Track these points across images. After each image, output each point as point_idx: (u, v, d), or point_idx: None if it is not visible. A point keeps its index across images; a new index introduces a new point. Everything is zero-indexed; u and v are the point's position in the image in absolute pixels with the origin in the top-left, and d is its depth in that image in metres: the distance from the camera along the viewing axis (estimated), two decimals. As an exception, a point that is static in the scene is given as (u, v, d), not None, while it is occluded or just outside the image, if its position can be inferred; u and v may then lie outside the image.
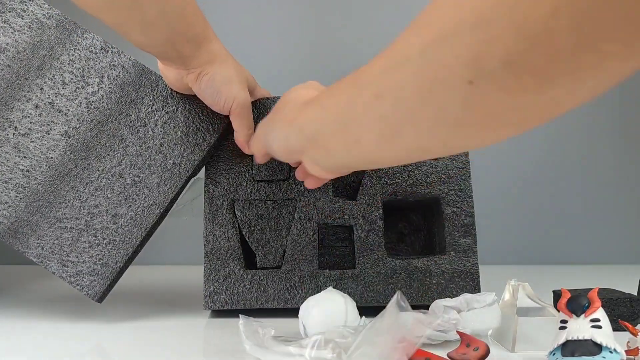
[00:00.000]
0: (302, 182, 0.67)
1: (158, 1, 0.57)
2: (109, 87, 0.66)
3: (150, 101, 0.67)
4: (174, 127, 0.66)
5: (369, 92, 0.41)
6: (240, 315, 0.50)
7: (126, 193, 0.65)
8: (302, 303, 0.56)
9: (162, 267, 1.06)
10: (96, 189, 0.65)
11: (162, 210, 0.65)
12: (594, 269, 1.10)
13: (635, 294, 0.64)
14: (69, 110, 0.65)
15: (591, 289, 0.48)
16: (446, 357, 0.47)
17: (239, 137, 0.67)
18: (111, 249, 0.64)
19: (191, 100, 0.67)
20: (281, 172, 0.69)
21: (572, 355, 0.44)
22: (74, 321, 0.64)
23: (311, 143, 0.50)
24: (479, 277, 0.67)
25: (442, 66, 0.35)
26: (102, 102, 0.66)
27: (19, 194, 0.64)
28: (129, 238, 0.64)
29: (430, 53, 0.36)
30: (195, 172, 0.68)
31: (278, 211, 0.69)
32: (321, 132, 0.49)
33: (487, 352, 0.46)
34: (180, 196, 0.69)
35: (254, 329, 0.49)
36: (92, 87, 0.66)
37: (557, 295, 0.63)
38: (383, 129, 0.42)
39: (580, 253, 1.19)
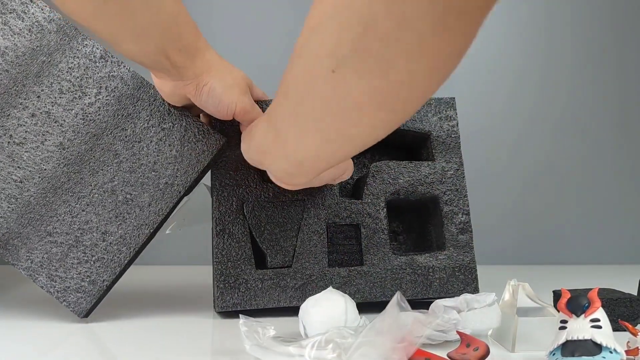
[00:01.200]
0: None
1: (150, 8, 0.56)
2: (106, 99, 0.66)
3: (147, 116, 0.66)
4: (169, 145, 0.66)
5: (280, 92, 0.46)
6: (240, 315, 0.50)
7: (117, 210, 0.64)
8: None
9: (168, 268, 1.06)
10: (88, 205, 0.64)
11: (152, 230, 0.65)
12: (594, 269, 1.10)
13: (635, 294, 0.64)
14: (64, 120, 0.65)
15: (591, 289, 0.48)
16: (446, 357, 0.47)
17: None
18: (99, 266, 0.64)
19: (188, 118, 0.66)
20: None
21: (572, 355, 0.44)
22: (78, 320, 0.64)
23: (262, 155, 0.56)
24: (476, 271, 0.70)
25: (313, 58, 0.39)
26: (99, 115, 0.65)
27: (11, 204, 0.64)
28: (118, 257, 0.64)
29: (306, 48, 0.40)
30: (187, 193, 0.67)
31: (287, 211, 0.69)
32: (263, 142, 0.54)
33: (487, 352, 0.46)
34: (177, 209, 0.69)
35: (254, 329, 0.49)
36: (89, 98, 0.65)
37: (557, 295, 0.63)
38: (297, 125, 0.45)
39: (580, 253, 1.19)
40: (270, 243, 0.68)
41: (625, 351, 0.46)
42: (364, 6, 0.34)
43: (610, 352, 0.43)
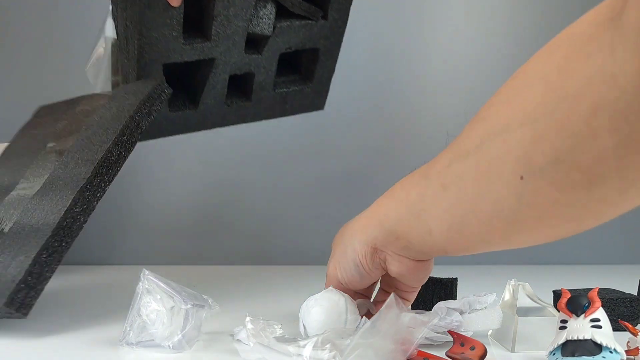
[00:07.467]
0: (225, 44, 0.70)
1: None
2: None
3: None
4: None
5: (436, 183, 0.43)
6: (247, 313, 0.50)
7: None
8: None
9: (167, 267, 1.06)
10: None
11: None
12: (594, 269, 1.10)
13: (635, 294, 0.64)
14: None
15: (591, 289, 0.48)
16: (445, 358, 0.47)
17: None
18: None
19: None
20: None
21: (572, 355, 0.44)
22: (71, 320, 0.64)
23: (392, 236, 0.49)
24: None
25: (495, 160, 0.37)
26: None
27: None
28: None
29: (485, 147, 0.38)
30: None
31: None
32: (399, 224, 0.48)
33: (486, 350, 0.46)
34: None
35: (260, 327, 0.49)
36: None
37: (557, 295, 0.63)
38: (450, 219, 0.42)
39: (580, 253, 1.19)
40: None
41: (625, 351, 0.46)
42: (579, 122, 0.31)
43: (610, 352, 0.43)
